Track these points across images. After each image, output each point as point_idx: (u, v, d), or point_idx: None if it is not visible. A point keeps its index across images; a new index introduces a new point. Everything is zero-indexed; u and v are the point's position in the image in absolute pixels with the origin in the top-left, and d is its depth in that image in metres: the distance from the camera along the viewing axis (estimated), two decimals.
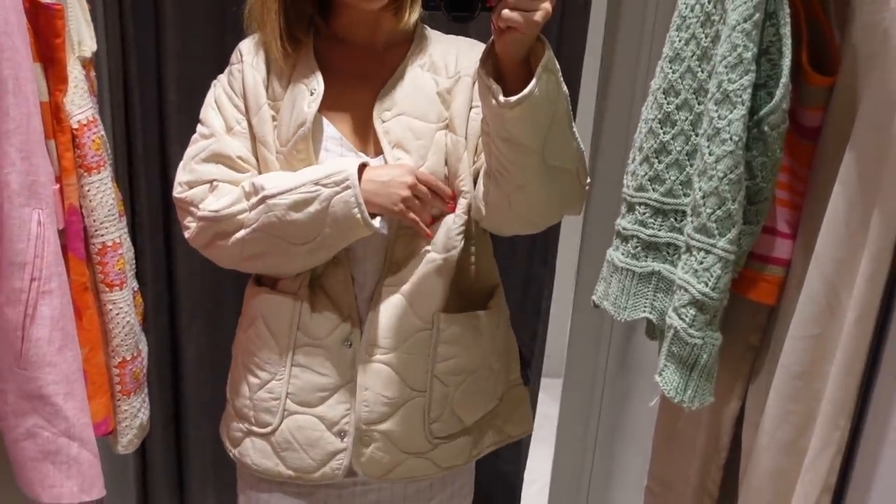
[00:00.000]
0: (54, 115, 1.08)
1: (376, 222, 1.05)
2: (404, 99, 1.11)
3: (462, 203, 1.11)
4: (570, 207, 1.08)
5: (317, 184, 1.03)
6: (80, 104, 1.15)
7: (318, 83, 1.10)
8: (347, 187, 1.02)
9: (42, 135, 0.94)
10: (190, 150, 1.13)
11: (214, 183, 1.10)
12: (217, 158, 1.10)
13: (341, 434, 1.13)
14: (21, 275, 0.90)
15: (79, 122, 1.15)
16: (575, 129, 0.99)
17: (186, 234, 1.13)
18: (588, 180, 1.06)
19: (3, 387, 0.94)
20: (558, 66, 0.91)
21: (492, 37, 0.91)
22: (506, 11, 0.84)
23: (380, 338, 1.11)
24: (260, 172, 1.12)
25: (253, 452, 1.18)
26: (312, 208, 1.03)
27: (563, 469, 1.83)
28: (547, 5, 0.85)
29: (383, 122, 1.10)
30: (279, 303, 1.14)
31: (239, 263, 1.13)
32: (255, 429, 1.17)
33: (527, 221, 1.08)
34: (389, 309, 1.11)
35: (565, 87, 0.94)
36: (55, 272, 0.94)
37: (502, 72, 0.92)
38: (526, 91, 0.87)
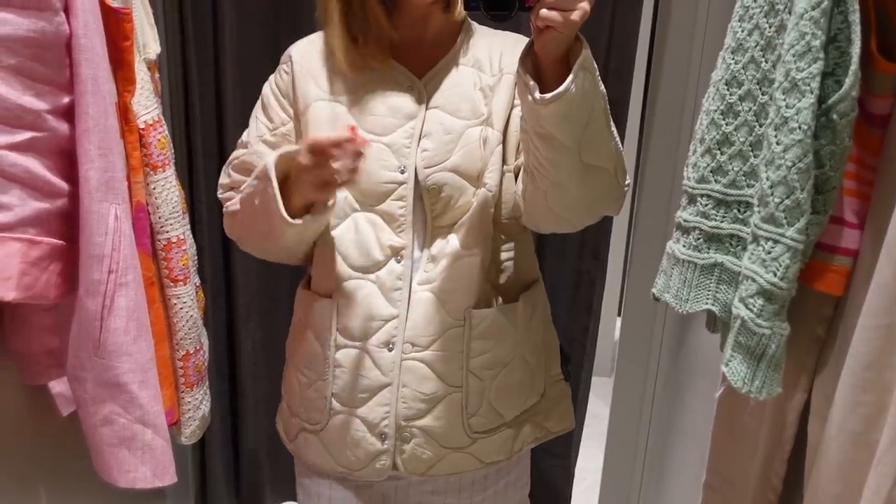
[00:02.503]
0: (123, 115, 1.12)
1: (313, 218, 1.04)
2: (440, 94, 1.12)
3: (486, 195, 1.11)
4: (608, 207, 1.07)
5: (255, 177, 1.06)
6: (146, 105, 1.19)
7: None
8: (267, 180, 1.02)
9: (118, 132, 0.98)
10: (231, 155, 1.21)
11: None
12: (244, 168, 1.17)
13: (382, 436, 1.14)
14: (100, 267, 0.93)
15: (145, 122, 1.19)
16: (613, 129, 0.99)
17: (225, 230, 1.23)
18: (628, 181, 1.06)
19: (82, 375, 0.98)
20: (595, 65, 0.91)
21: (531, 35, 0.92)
22: (544, 11, 0.85)
23: (415, 336, 1.12)
24: None
25: (306, 447, 1.21)
26: (257, 200, 1.07)
27: (614, 466, 1.82)
28: (585, 5, 0.85)
29: None
30: (319, 305, 1.16)
31: (256, 251, 1.21)
32: (306, 425, 1.21)
33: (563, 220, 1.08)
34: (423, 307, 1.11)
35: (603, 87, 0.94)
36: (131, 265, 0.97)
37: (541, 69, 0.92)
38: (561, 88, 0.88)
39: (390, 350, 1.12)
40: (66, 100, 0.91)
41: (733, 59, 0.90)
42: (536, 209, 1.07)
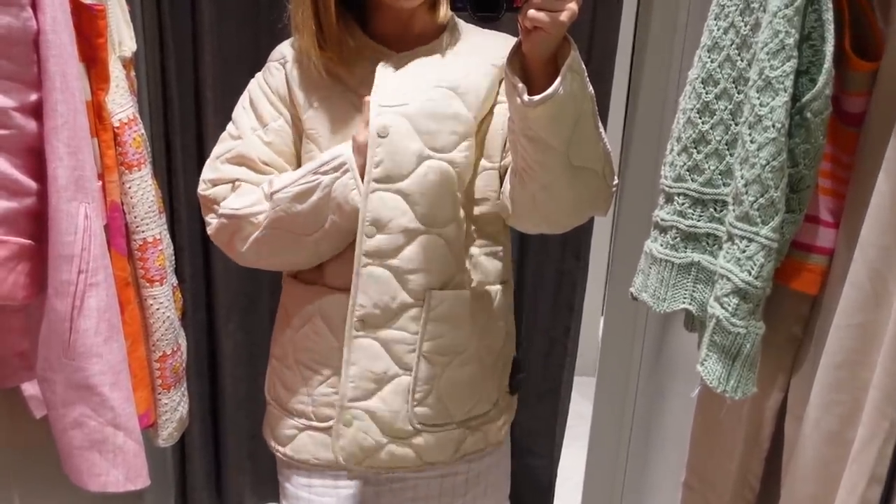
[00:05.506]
0: (97, 113, 1.10)
1: None
2: None
3: (445, 169, 1.08)
4: (597, 208, 1.07)
5: (315, 172, 1.04)
6: (121, 103, 1.18)
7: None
8: (346, 171, 1.03)
9: (87, 130, 0.96)
10: (217, 149, 1.16)
11: (237, 183, 1.12)
12: (241, 160, 1.13)
13: None
14: (69, 267, 0.92)
15: (120, 120, 1.17)
16: (601, 130, 0.98)
17: (208, 231, 1.16)
18: (616, 181, 1.05)
19: (51, 377, 0.96)
20: (584, 66, 0.91)
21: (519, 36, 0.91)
22: (532, 11, 0.85)
23: (368, 313, 1.08)
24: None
25: (312, 447, 1.18)
26: (314, 197, 1.04)
27: (597, 466, 1.82)
28: (573, 5, 0.85)
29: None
30: (336, 298, 1.13)
31: (258, 262, 1.15)
32: (315, 423, 1.17)
33: (552, 221, 1.08)
34: (379, 284, 1.08)
35: (591, 88, 0.93)
36: (101, 265, 0.95)
37: (529, 71, 0.92)
38: (550, 90, 0.87)
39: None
40: (33, 97, 0.90)
41: (709, 57, 0.90)
42: (524, 210, 1.06)
